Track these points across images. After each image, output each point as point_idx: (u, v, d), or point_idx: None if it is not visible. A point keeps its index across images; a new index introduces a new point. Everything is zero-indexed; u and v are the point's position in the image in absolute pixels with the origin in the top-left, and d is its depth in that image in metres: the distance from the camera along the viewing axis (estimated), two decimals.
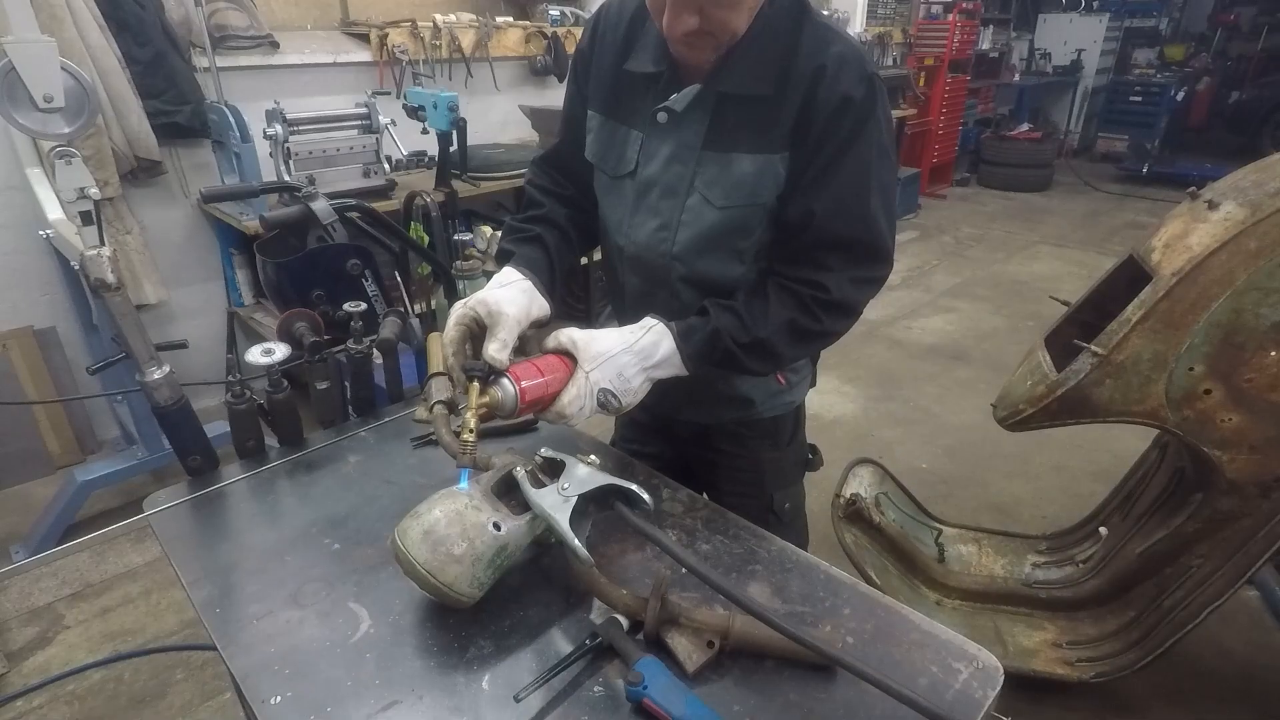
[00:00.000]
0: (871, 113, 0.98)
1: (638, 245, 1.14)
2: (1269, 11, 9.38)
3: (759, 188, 1.03)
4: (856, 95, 0.97)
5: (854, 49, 1.00)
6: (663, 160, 1.07)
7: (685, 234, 1.09)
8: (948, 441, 3.20)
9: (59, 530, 2.50)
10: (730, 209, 1.05)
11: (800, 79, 0.97)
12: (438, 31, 3.58)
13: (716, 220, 1.06)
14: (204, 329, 3.19)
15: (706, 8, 0.91)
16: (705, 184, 1.05)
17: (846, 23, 6.08)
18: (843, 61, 0.97)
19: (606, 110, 1.13)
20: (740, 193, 1.04)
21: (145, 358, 1.08)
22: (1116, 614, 1.89)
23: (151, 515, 1.07)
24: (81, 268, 1.12)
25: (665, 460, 1.41)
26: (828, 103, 0.97)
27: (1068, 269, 5.35)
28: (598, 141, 1.15)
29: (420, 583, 0.82)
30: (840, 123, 0.98)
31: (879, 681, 0.71)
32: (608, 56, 1.11)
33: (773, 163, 1.01)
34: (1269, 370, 1.44)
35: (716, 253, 1.09)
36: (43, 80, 1.18)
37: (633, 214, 1.13)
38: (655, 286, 1.15)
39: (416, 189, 1.87)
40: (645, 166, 1.10)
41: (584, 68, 1.16)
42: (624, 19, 1.09)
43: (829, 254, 1.03)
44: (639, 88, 1.08)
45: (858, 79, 0.97)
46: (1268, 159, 1.60)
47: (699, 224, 1.07)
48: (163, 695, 1.97)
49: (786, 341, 1.05)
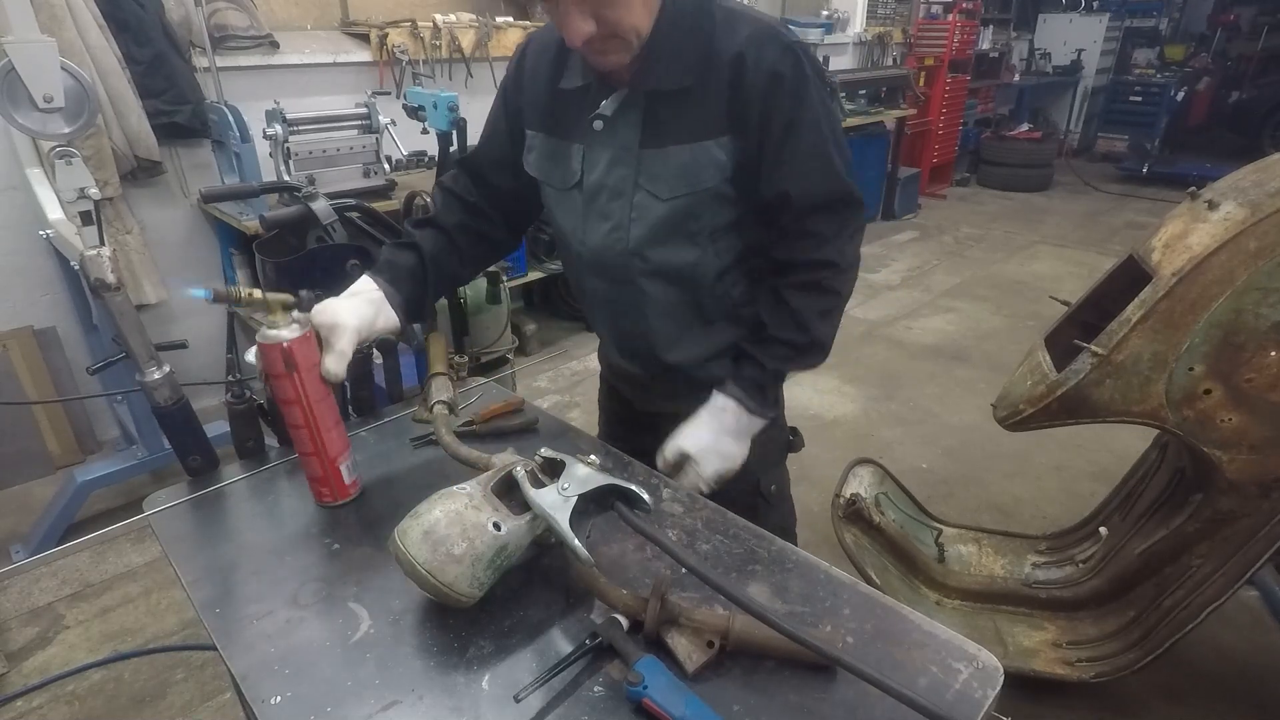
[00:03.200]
0: (804, 79, 1.02)
1: (594, 249, 1.17)
2: (1269, 11, 9.39)
3: (699, 174, 1.06)
4: (784, 69, 1.00)
5: (765, 26, 1.03)
6: (605, 165, 1.11)
7: (638, 230, 1.12)
8: (948, 441, 3.20)
9: (59, 530, 2.50)
10: (675, 199, 1.08)
11: (721, 65, 1.01)
12: (438, 31, 3.58)
13: (664, 212, 1.10)
14: (204, 329, 3.18)
15: (597, 9, 0.94)
16: (649, 180, 1.09)
17: (846, 23, 6.09)
18: (758, 43, 1.00)
19: (546, 128, 1.17)
20: (682, 182, 1.07)
21: (145, 358, 1.08)
22: (1116, 614, 1.89)
23: (151, 515, 1.07)
24: (81, 268, 1.12)
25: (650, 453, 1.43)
26: (756, 85, 1.00)
27: (1068, 269, 5.35)
28: (541, 158, 1.18)
29: (420, 583, 0.82)
30: (778, 100, 1.01)
31: (879, 681, 0.71)
32: (541, 81, 1.16)
33: (708, 149, 1.05)
34: (1269, 370, 1.44)
35: (671, 241, 1.12)
36: (43, 80, 1.18)
37: (584, 220, 1.17)
38: (619, 285, 1.18)
39: (416, 189, 1.87)
40: (590, 174, 1.14)
41: (512, 93, 1.21)
42: (552, 45, 1.14)
43: (815, 220, 1.09)
44: (573, 103, 1.12)
45: (779, 54, 1.00)
46: (1268, 159, 1.60)
47: (648, 218, 1.11)
48: (163, 695, 1.97)
49: (824, 329, 1.13)
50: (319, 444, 1.02)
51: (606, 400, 1.52)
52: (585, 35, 0.95)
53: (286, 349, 0.96)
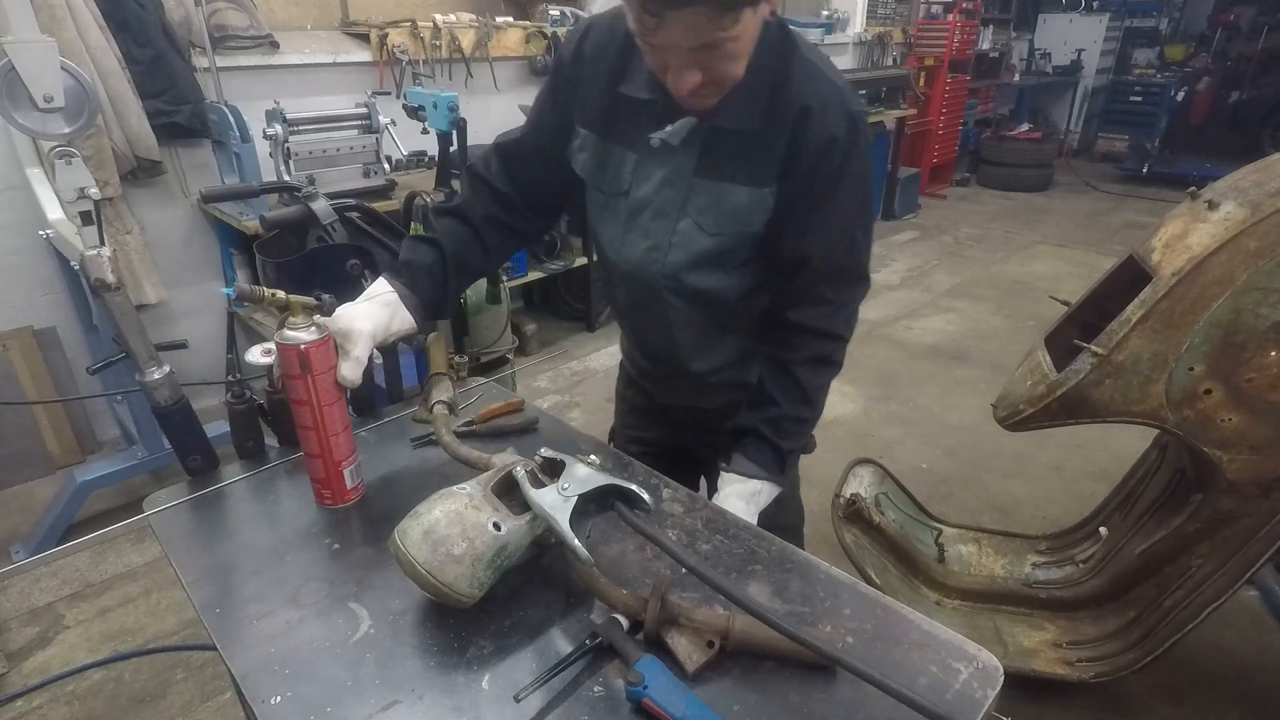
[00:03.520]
0: (855, 148, 1.04)
1: (630, 263, 1.18)
2: (1269, 11, 9.37)
3: (751, 218, 1.08)
4: (840, 134, 1.01)
5: (837, 88, 1.03)
6: (656, 183, 1.10)
7: (676, 255, 1.13)
8: (948, 441, 3.20)
9: (59, 530, 2.50)
10: (722, 236, 1.10)
11: (788, 116, 1.01)
12: (438, 31, 3.58)
13: (708, 246, 1.11)
14: (204, 329, 3.19)
15: (708, 63, 0.92)
16: (697, 210, 1.09)
17: (846, 22, 6.09)
18: (827, 102, 1.01)
19: (600, 131, 1.14)
20: (734, 222, 1.08)
21: (145, 358, 1.08)
22: (1116, 614, 1.89)
23: (151, 515, 1.07)
24: (81, 268, 1.12)
25: (666, 445, 1.46)
26: (814, 143, 1.01)
27: (1068, 269, 5.35)
28: (592, 160, 1.17)
29: (420, 583, 0.82)
30: (827, 162, 1.03)
31: (879, 681, 0.71)
32: (600, 78, 1.12)
33: (764, 195, 1.06)
34: (1269, 370, 1.44)
35: (704, 268, 1.14)
36: (43, 80, 1.18)
37: (625, 232, 1.17)
38: (648, 299, 1.20)
39: (416, 189, 1.87)
40: (638, 188, 1.12)
41: (567, 83, 1.16)
42: (615, 41, 1.09)
43: (828, 287, 1.13)
44: (632, 111, 1.10)
45: (841, 117, 1.01)
46: (1268, 159, 1.60)
47: (690, 247, 1.11)
48: (163, 695, 1.97)
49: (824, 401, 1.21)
50: (325, 447, 1.03)
51: (625, 389, 1.52)
52: (692, 86, 0.93)
53: (303, 351, 0.97)
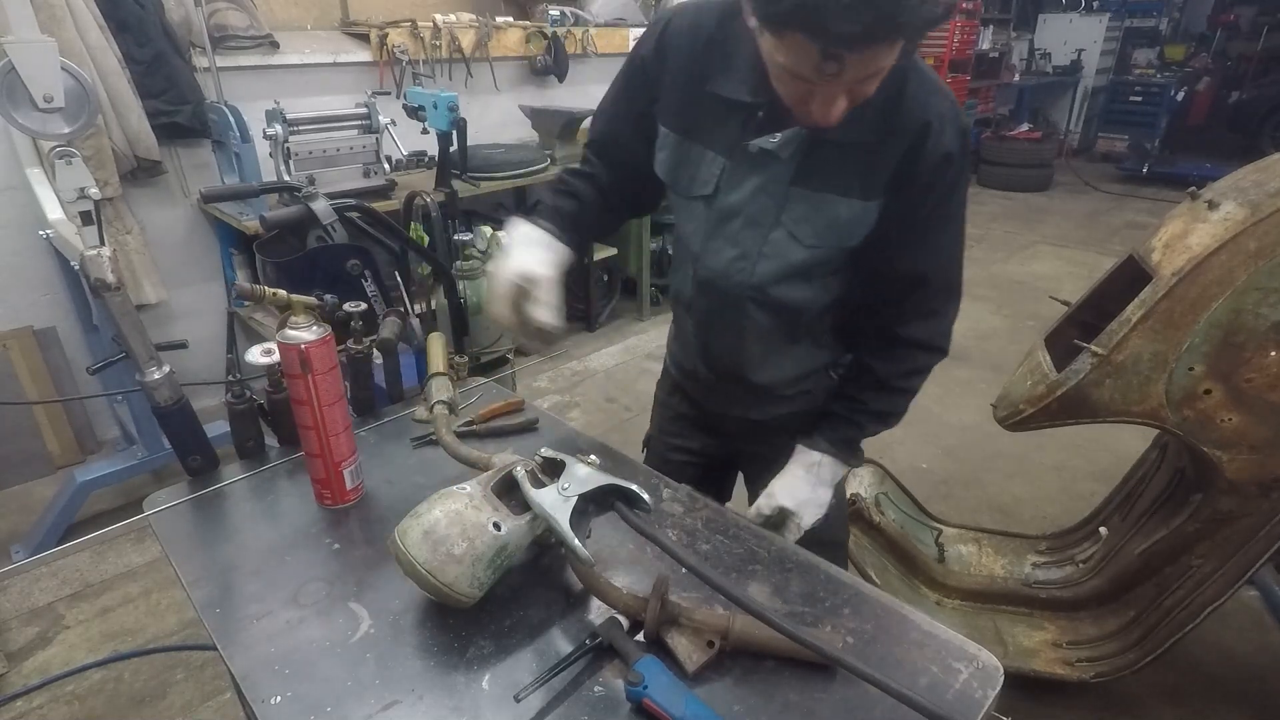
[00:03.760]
0: (965, 167, 1.03)
1: (712, 271, 1.13)
2: (1269, 11, 9.38)
3: (853, 231, 1.04)
4: (955, 150, 0.99)
5: (951, 102, 1.01)
6: (749, 191, 1.06)
7: (766, 266, 1.09)
8: (948, 441, 3.20)
9: (59, 530, 2.50)
10: (818, 248, 1.06)
11: (906, 131, 0.97)
12: (438, 31, 3.58)
13: (802, 258, 1.07)
14: (204, 329, 3.18)
15: (854, 89, 0.88)
16: (793, 220, 1.05)
17: None
18: (944, 117, 0.98)
19: (682, 130, 1.10)
20: (833, 235, 1.05)
21: (145, 358, 1.08)
22: (1116, 614, 1.89)
23: (151, 515, 1.07)
24: (81, 268, 1.12)
25: (710, 455, 1.43)
26: (931, 159, 0.98)
27: (1068, 269, 5.35)
28: (671, 159, 1.13)
29: (420, 583, 0.82)
30: (941, 178, 1.01)
31: (879, 681, 0.71)
32: (681, 75, 1.07)
33: (869, 209, 1.02)
34: (1269, 370, 1.44)
35: (793, 280, 1.10)
36: (43, 80, 1.18)
37: (708, 239, 1.12)
38: (725, 308, 1.16)
39: (416, 189, 1.87)
40: (728, 194, 1.08)
41: (647, 77, 1.12)
42: (700, 37, 1.05)
43: (936, 301, 1.13)
44: (722, 112, 1.05)
45: (955, 134, 0.99)
46: (1268, 159, 1.60)
47: (783, 258, 1.08)
48: (163, 695, 1.97)
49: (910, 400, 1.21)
50: (325, 447, 1.03)
51: (668, 396, 1.47)
52: (840, 111, 0.89)
53: (304, 351, 0.97)
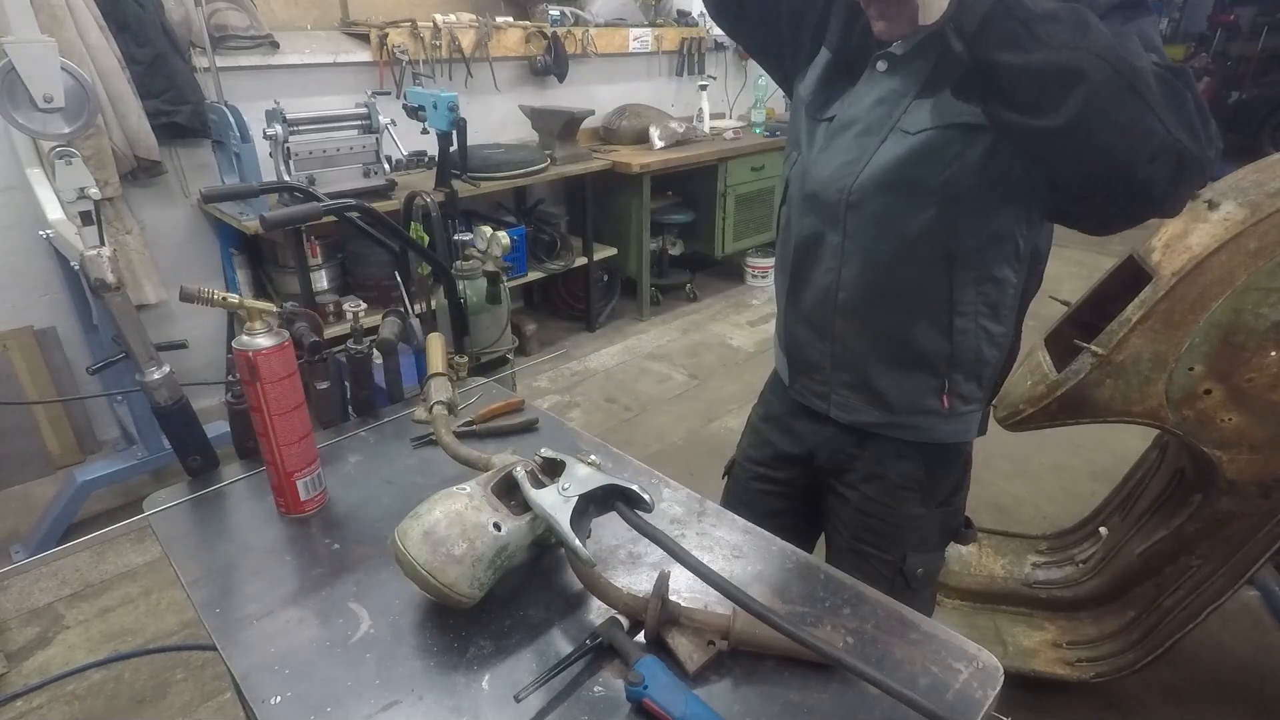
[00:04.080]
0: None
1: (817, 183, 1.09)
2: (1269, 11, 9.37)
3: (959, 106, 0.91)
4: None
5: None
6: (869, 103, 1.04)
7: (869, 172, 1.03)
8: None
9: (59, 530, 2.50)
10: (924, 131, 0.98)
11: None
12: (438, 31, 3.57)
13: (906, 150, 0.99)
14: (204, 329, 3.19)
15: None
16: (908, 124, 1.00)
17: None
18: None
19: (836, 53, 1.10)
20: (951, 110, 0.94)
21: (145, 358, 1.08)
22: (1116, 614, 1.89)
23: (151, 515, 1.07)
24: (81, 268, 1.12)
25: (797, 490, 1.34)
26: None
27: (1068, 269, 5.33)
28: (817, 80, 1.12)
29: (420, 583, 0.82)
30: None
31: (879, 681, 0.71)
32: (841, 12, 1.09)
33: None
34: (1269, 370, 1.44)
35: (897, 193, 1.02)
36: (43, 80, 1.18)
37: (820, 153, 1.10)
38: (826, 226, 1.10)
39: (416, 189, 1.87)
40: (847, 109, 1.06)
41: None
42: None
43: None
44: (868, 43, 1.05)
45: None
46: (1268, 159, 1.60)
47: (890, 154, 1.01)
48: (163, 695, 1.97)
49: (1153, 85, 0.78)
50: (275, 456, 1.02)
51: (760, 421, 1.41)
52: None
53: (252, 358, 0.97)
